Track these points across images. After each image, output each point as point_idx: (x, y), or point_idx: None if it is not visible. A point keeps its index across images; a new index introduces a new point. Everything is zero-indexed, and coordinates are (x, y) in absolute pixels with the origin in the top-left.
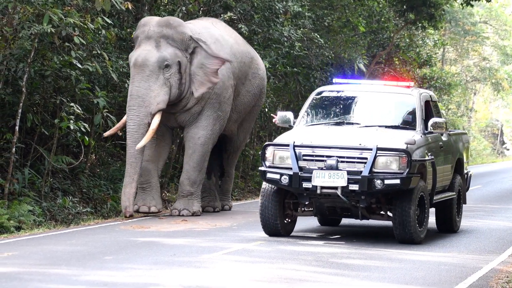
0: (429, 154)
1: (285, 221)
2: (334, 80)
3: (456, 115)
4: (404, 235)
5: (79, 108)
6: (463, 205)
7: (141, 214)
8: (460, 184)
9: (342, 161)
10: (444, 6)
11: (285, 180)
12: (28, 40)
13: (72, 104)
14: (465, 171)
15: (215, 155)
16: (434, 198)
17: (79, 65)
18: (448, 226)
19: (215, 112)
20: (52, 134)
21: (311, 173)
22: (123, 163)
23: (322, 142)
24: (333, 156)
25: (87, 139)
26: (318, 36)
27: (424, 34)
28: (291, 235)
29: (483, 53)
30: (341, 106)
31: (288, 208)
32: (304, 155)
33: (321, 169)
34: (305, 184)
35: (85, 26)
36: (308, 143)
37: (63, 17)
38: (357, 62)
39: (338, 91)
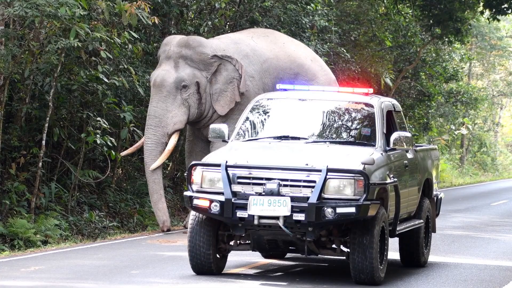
0: (391, 175)
1: (218, 256)
2: (278, 86)
3: (482, 129)
4: (364, 275)
5: (106, 123)
6: (432, 234)
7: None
8: (428, 209)
9: (285, 185)
10: (471, 21)
11: (215, 208)
12: (55, 55)
13: (98, 118)
14: (434, 193)
15: None
16: (399, 228)
17: (106, 80)
18: (414, 259)
19: None
20: (79, 149)
21: (247, 199)
22: None
23: (260, 162)
24: (274, 179)
25: (113, 153)
26: (344, 50)
27: (450, 48)
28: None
29: (510, 68)
30: (286, 117)
31: (221, 241)
32: (239, 178)
33: (260, 194)
34: (240, 213)
35: (112, 41)
36: (243, 162)
37: (89, 32)
38: (384, 77)
39: (282, 99)
